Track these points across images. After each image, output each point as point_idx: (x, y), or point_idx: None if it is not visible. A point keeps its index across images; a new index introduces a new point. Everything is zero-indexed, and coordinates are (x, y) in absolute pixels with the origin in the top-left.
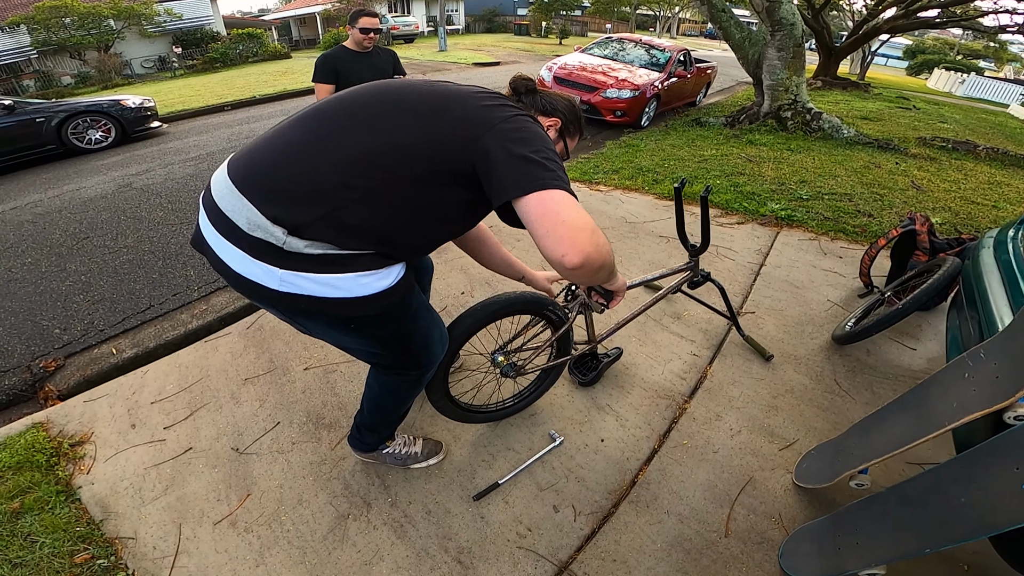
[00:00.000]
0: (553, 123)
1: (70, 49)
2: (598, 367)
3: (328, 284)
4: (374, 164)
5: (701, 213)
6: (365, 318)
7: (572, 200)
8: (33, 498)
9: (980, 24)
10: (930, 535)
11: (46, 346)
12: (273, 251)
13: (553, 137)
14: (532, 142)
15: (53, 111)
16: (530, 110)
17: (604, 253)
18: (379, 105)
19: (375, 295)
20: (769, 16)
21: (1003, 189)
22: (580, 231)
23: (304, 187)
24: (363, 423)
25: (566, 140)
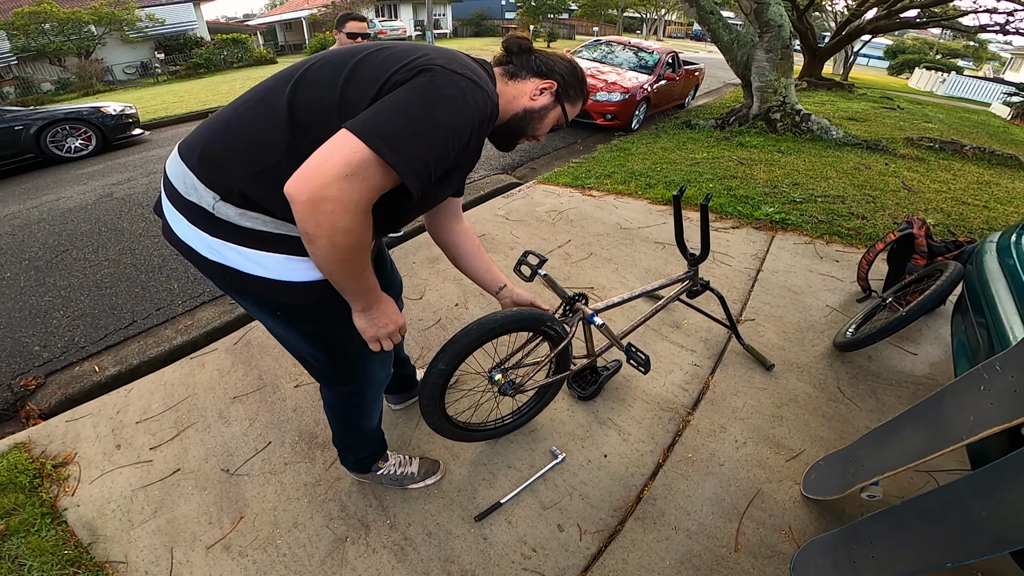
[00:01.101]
0: (548, 85)
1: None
2: (598, 380)
3: (254, 261)
4: (300, 123)
5: (701, 221)
6: (292, 307)
7: (363, 159)
8: (18, 520)
9: (960, 24)
10: (951, 550)
11: (26, 364)
12: (204, 216)
13: (548, 101)
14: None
15: (32, 119)
16: (521, 71)
17: (333, 219)
18: (316, 68)
19: (303, 284)
20: (757, 18)
21: (992, 189)
22: (325, 174)
23: (234, 147)
24: (336, 443)
25: (564, 105)
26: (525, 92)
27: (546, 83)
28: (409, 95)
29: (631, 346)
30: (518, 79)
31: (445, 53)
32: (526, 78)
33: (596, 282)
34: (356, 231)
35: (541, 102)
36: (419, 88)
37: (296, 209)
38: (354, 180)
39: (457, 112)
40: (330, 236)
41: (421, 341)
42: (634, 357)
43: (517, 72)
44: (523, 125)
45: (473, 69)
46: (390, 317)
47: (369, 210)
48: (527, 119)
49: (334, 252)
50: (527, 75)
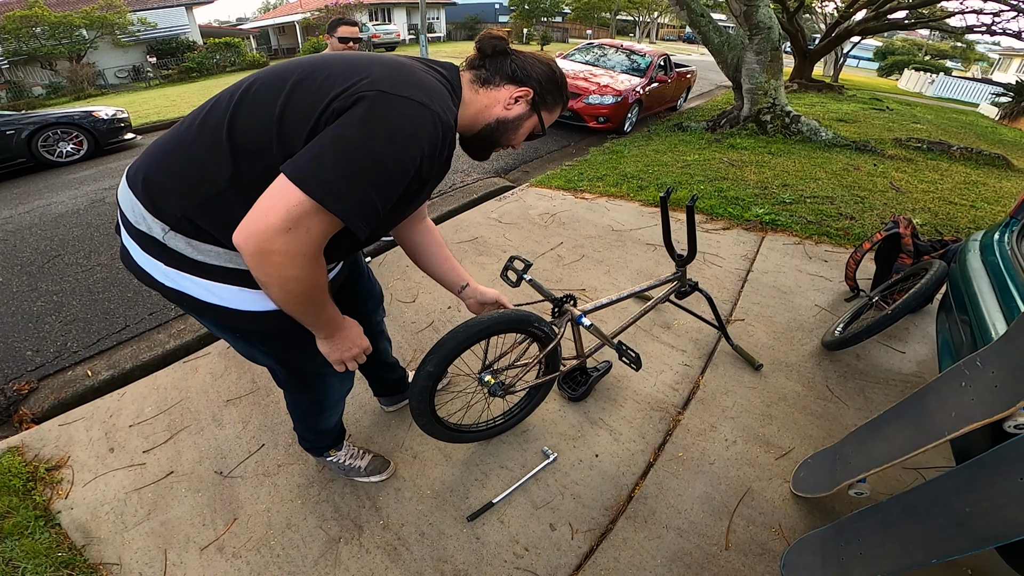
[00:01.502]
0: (523, 93)
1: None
2: (588, 381)
3: (208, 290)
4: (240, 150)
5: (687, 222)
6: (249, 332)
7: (304, 210)
8: (11, 523)
9: (947, 25)
10: (937, 545)
11: (18, 369)
12: (157, 246)
13: (523, 111)
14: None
15: (23, 123)
16: (495, 76)
17: (281, 270)
18: (255, 90)
19: (257, 313)
20: (747, 20)
21: (979, 188)
22: (268, 228)
23: (177, 175)
24: (295, 430)
25: (540, 113)
26: (499, 101)
27: (521, 91)
28: (348, 131)
29: (621, 344)
30: (491, 86)
31: (391, 71)
32: (500, 85)
33: (588, 284)
34: (307, 278)
35: (516, 111)
36: (358, 121)
37: (244, 259)
38: (297, 232)
39: (402, 144)
40: (281, 285)
41: (414, 344)
42: (625, 355)
43: (490, 78)
44: (496, 136)
45: (424, 87)
46: (353, 341)
47: (319, 255)
48: (500, 130)
49: (288, 297)
50: (501, 81)
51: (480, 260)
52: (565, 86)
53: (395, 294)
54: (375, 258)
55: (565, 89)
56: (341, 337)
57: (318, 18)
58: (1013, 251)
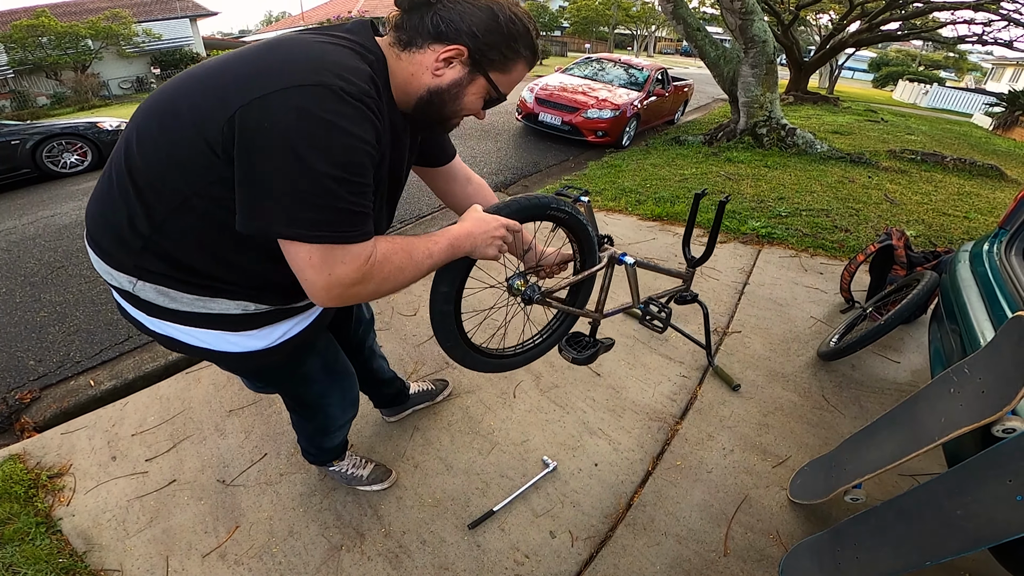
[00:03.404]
0: (452, 53)
1: (46, 69)
2: (595, 346)
3: (192, 336)
4: (144, 188)
5: (715, 221)
6: (243, 370)
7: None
8: (12, 529)
9: (940, 35)
10: (930, 548)
11: (21, 378)
12: (131, 297)
13: (458, 75)
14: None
15: (28, 133)
16: (416, 36)
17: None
18: (143, 124)
19: (244, 354)
20: (742, 34)
21: (973, 199)
22: (316, 285)
23: (110, 227)
24: (298, 442)
25: (489, 75)
26: (425, 66)
27: (450, 50)
28: (268, 159)
29: (650, 300)
30: (413, 48)
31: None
32: (424, 46)
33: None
34: (390, 278)
35: (449, 77)
36: (285, 146)
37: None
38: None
39: (328, 140)
40: (392, 290)
41: (415, 356)
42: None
43: (412, 39)
44: (435, 109)
45: (315, 62)
46: (489, 225)
47: (374, 255)
48: (437, 101)
49: (396, 290)
50: (424, 42)
51: (477, 273)
52: (520, 34)
53: (396, 307)
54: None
55: (522, 39)
56: (477, 237)
57: None
58: (1001, 261)
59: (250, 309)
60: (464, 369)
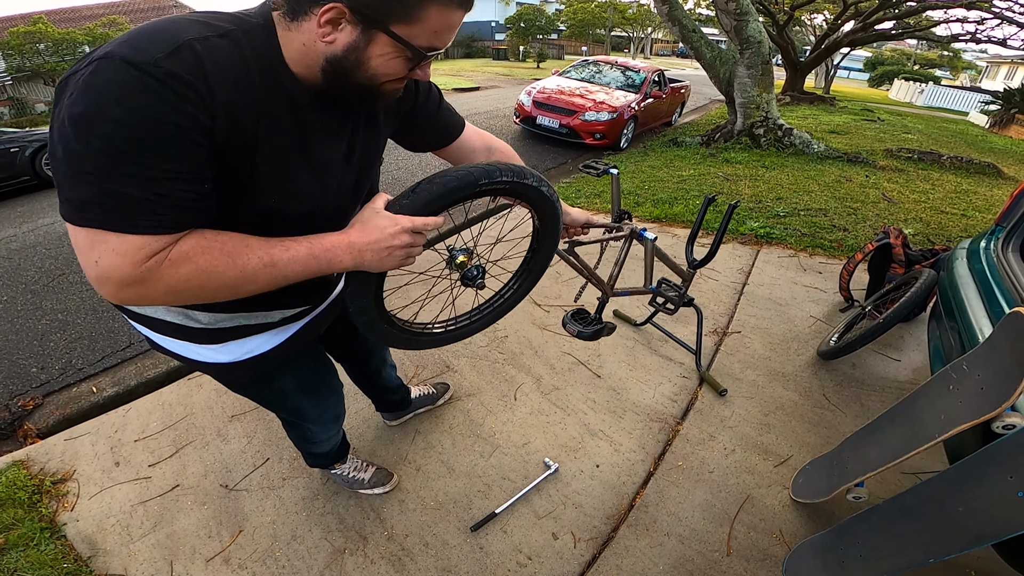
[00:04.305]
0: (332, 13)
1: (44, 76)
2: (601, 325)
3: (166, 341)
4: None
5: (722, 224)
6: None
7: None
8: (17, 535)
9: (933, 34)
10: (933, 545)
11: (23, 385)
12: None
13: (350, 38)
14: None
15: (27, 140)
16: (296, 4)
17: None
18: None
19: (211, 364)
20: (737, 35)
21: (970, 197)
22: (86, 268)
23: None
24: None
25: (390, 29)
26: (314, 34)
27: (327, 9)
28: (58, 138)
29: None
30: (300, 17)
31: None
32: (307, 12)
33: (586, 300)
34: (188, 278)
35: (342, 41)
36: (59, 116)
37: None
38: (100, 256)
39: (102, 119)
40: (180, 302)
41: (416, 360)
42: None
43: (295, 7)
44: (341, 79)
45: (129, 38)
46: (385, 232)
47: (169, 255)
48: (340, 72)
49: (206, 298)
50: (307, 6)
51: None
52: None
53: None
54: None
55: None
56: (368, 248)
57: None
58: (998, 258)
59: (203, 322)
60: (465, 373)
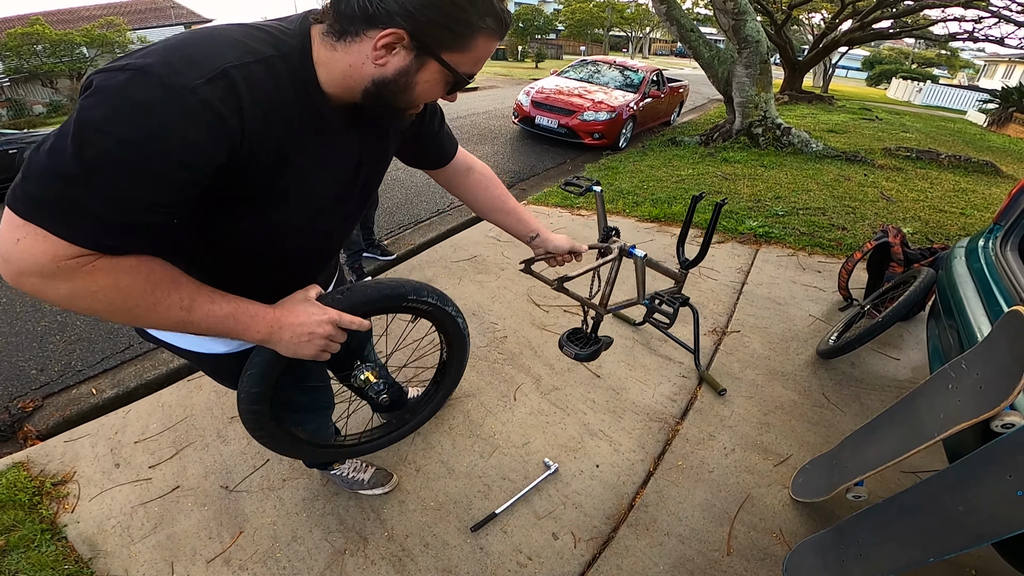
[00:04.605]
0: (391, 38)
1: (42, 77)
2: (599, 343)
3: (161, 332)
4: None
5: (710, 223)
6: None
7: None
8: (18, 536)
9: (931, 33)
10: (933, 544)
11: (23, 387)
12: None
13: (403, 62)
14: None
15: (25, 142)
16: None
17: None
18: None
19: (209, 356)
20: (735, 34)
21: (969, 196)
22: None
23: None
24: None
25: (442, 57)
26: (364, 55)
27: (387, 34)
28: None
29: (656, 295)
30: (348, 37)
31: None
32: (359, 33)
33: None
34: (93, 290)
35: (394, 65)
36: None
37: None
38: (28, 245)
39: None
40: (74, 308)
41: (415, 360)
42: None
43: (345, 27)
44: (384, 100)
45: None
46: (308, 323)
47: (94, 263)
48: (384, 94)
49: (109, 317)
50: (359, 28)
51: (479, 278)
52: (472, 5)
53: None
54: (375, 278)
55: (476, 8)
56: (288, 327)
57: None
58: (997, 256)
59: None
60: (464, 373)
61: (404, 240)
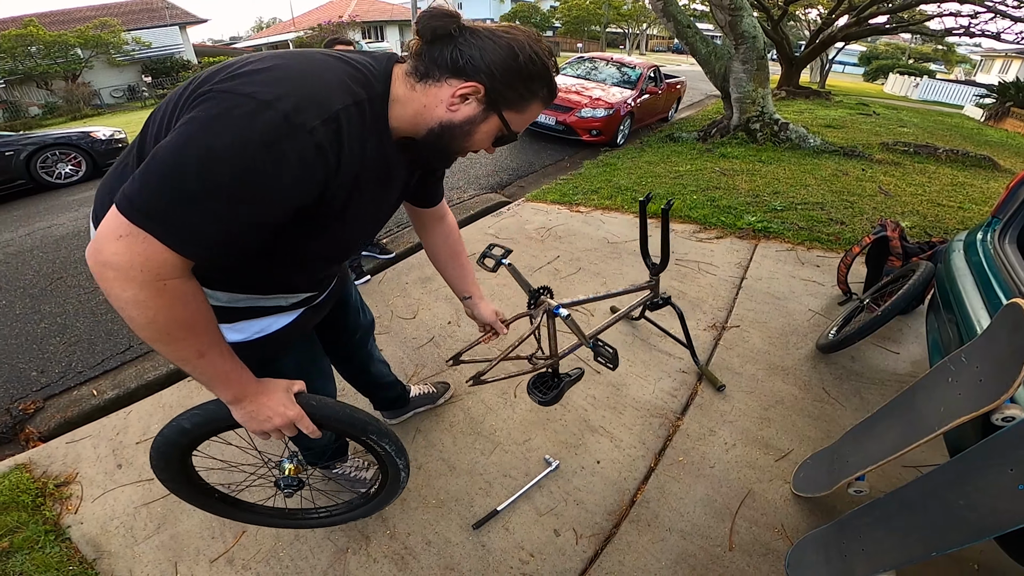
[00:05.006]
0: (470, 90)
1: (37, 78)
2: (559, 385)
3: None
4: None
5: (661, 228)
6: None
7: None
8: (22, 537)
9: (927, 28)
10: (934, 539)
11: (24, 389)
12: None
13: (473, 112)
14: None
15: (22, 144)
16: (434, 68)
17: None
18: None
19: None
20: (732, 30)
21: (967, 190)
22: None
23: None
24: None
25: (503, 114)
26: (440, 99)
27: (467, 87)
28: (171, 139)
29: (597, 341)
30: (430, 80)
31: (263, 63)
32: (440, 79)
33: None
34: (150, 305)
35: (464, 113)
36: (182, 128)
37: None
38: (128, 244)
39: (228, 156)
40: (122, 309)
41: (415, 359)
42: (601, 353)
43: (429, 70)
44: (444, 143)
45: (288, 81)
46: (273, 410)
47: (167, 282)
48: (447, 136)
49: (137, 329)
50: (442, 75)
51: (477, 276)
52: (538, 75)
53: (395, 311)
54: (374, 277)
55: (539, 79)
56: (256, 403)
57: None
58: (995, 249)
59: (222, 300)
60: (464, 371)
61: (403, 238)
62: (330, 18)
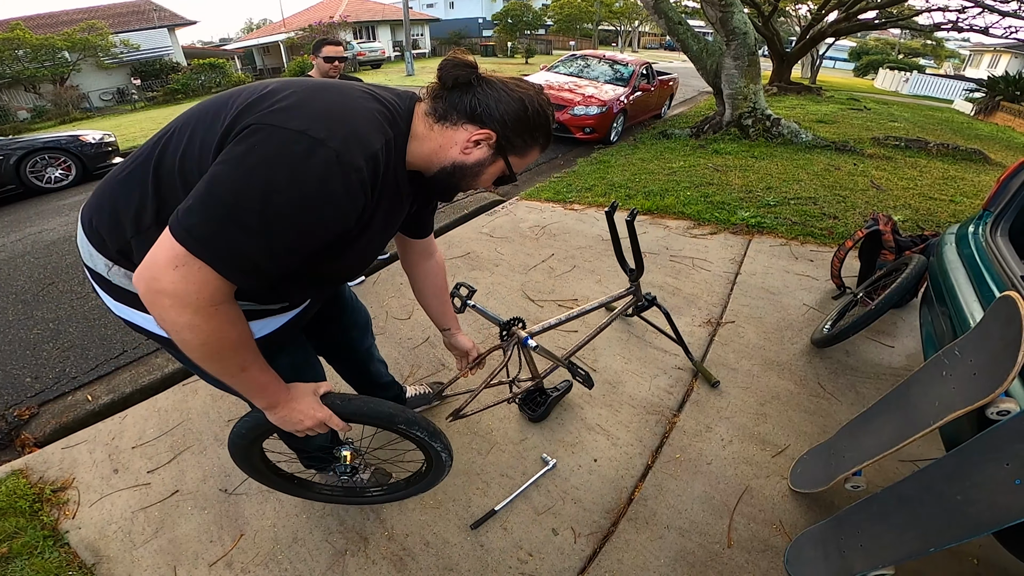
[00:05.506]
0: (483, 136)
1: (24, 82)
2: (547, 402)
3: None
4: (163, 186)
5: (630, 238)
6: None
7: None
8: (20, 543)
9: (916, 23)
10: (932, 535)
11: (18, 395)
12: (103, 281)
13: (483, 155)
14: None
15: (10, 148)
16: (452, 112)
17: (172, 314)
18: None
19: None
20: (723, 26)
21: (958, 183)
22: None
23: (115, 211)
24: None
25: (508, 158)
26: (455, 142)
27: (481, 133)
28: (224, 169)
29: (572, 364)
30: (447, 123)
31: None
32: (457, 123)
33: (580, 293)
34: (205, 328)
35: (476, 156)
36: (237, 158)
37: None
38: (183, 278)
39: (284, 189)
40: (175, 332)
41: (411, 359)
42: (576, 374)
43: (447, 113)
44: (454, 180)
45: (333, 118)
46: (304, 413)
47: (214, 305)
48: (457, 175)
49: (188, 351)
50: (459, 119)
51: (472, 275)
52: (541, 126)
53: (391, 311)
54: (368, 277)
55: (542, 129)
56: (288, 408)
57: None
58: (987, 242)
59: None
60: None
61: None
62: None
